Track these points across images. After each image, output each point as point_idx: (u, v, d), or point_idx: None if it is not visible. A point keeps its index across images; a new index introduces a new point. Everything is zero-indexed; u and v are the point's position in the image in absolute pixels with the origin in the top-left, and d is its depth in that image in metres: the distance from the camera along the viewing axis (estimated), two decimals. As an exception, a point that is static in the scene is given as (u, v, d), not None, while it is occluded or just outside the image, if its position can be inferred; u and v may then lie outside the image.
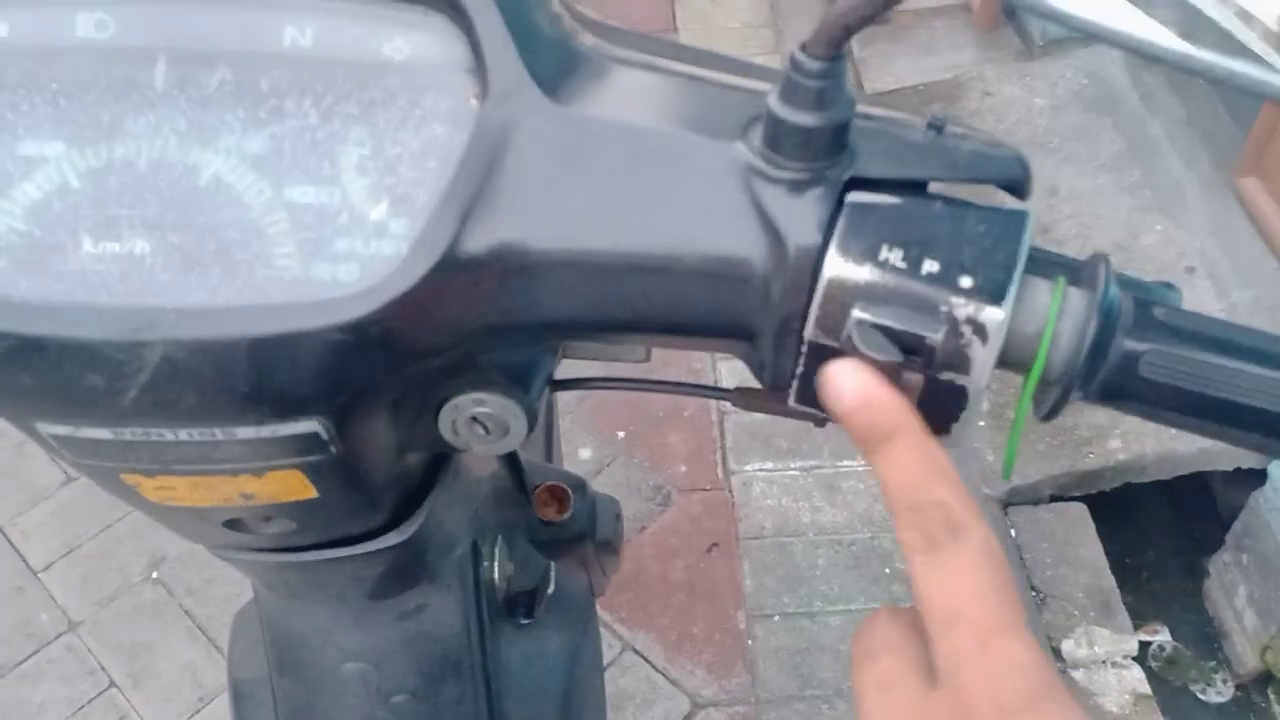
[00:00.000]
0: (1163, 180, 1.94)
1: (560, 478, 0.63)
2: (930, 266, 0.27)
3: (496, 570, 0.50)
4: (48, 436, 0.30)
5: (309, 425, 0.30)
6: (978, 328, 0.27)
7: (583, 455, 1.69)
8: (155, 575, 1.57)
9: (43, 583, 1.57)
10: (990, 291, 0.27)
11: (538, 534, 0.62)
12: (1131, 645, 1.48)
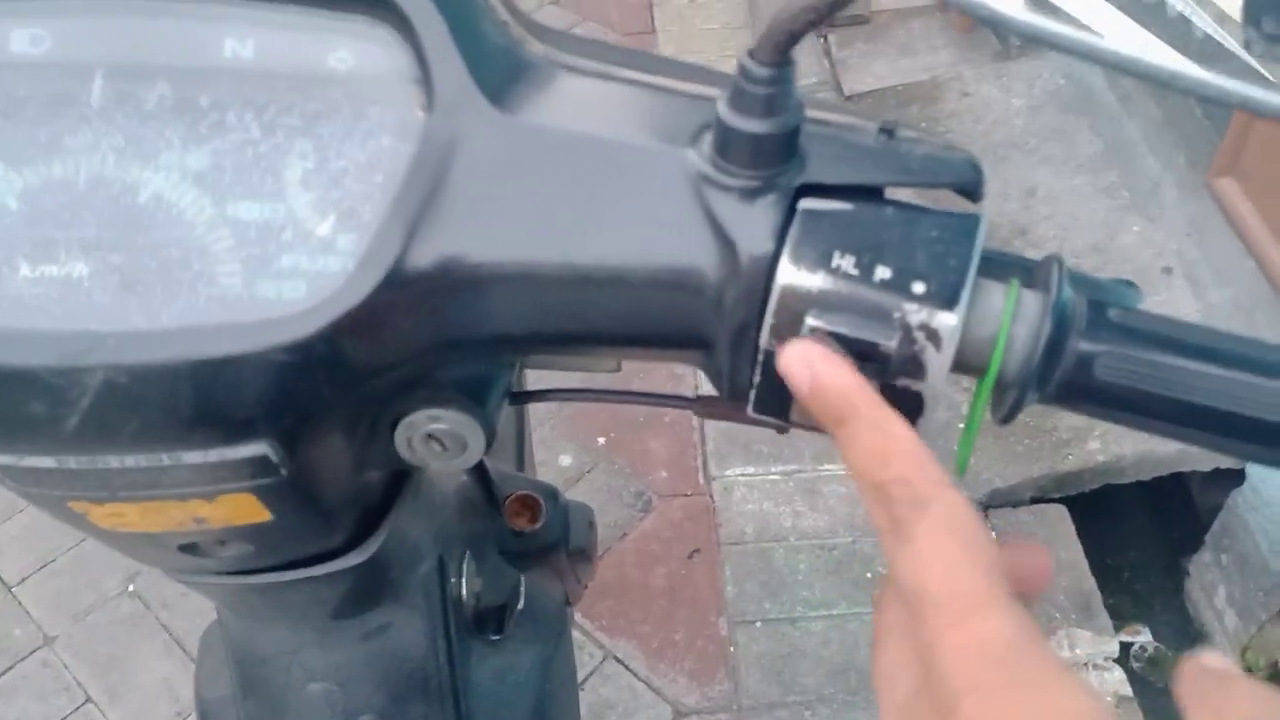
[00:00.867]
0: (1140, 181, 1.95)
1: (531, 487, 0.63)
2: (883, 273, 0.27)
3: (464, 586, 0.50)
4: None
5: (257, 448, 0.29)
6: (931, 333, 0.27)
7: (563, 462, 1.68)
8: (131, 589, 1.55)
9: (16, 597, 1.55)
10: (943, 296, 0.27)
11: (508, 545, 0.61)
12: (1113, 647, 1.48)
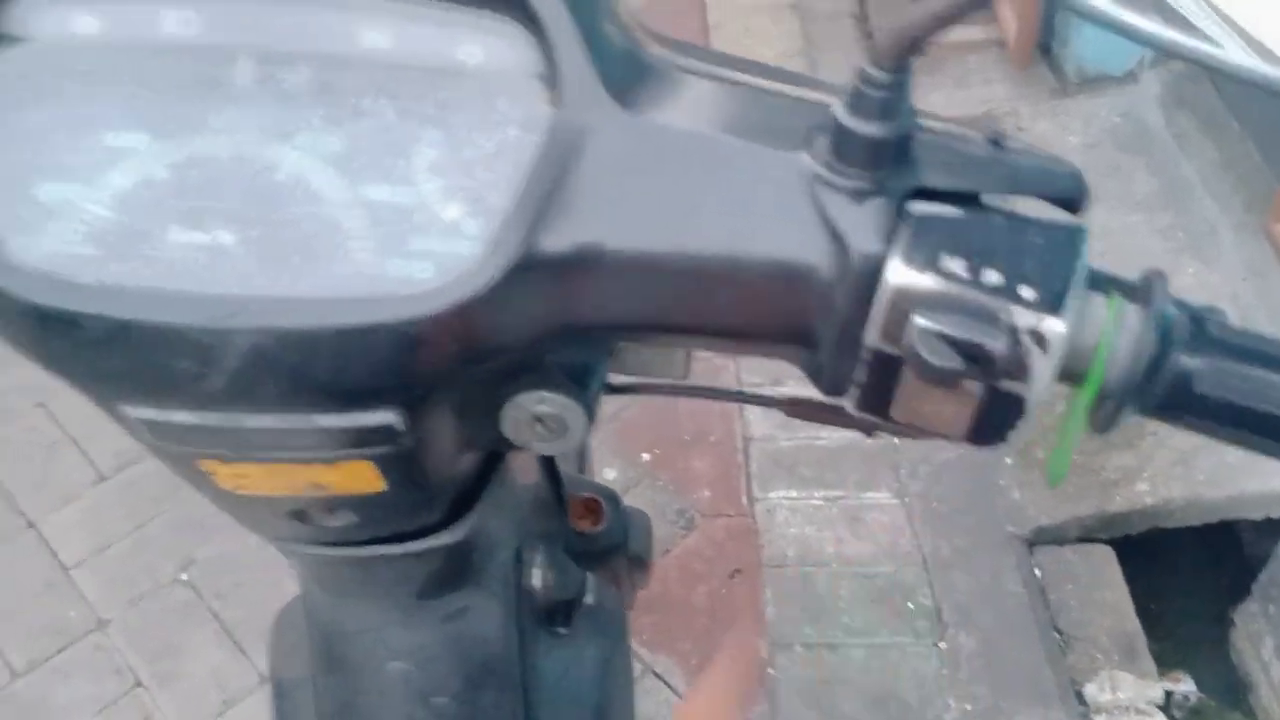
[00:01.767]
0: (1196, 222, 1.93)
1: (594, 490, 0.64)
2: (991, 276, 0.28)
3: (538, 577, 0.51)
4: (133, 419, 0.31)
5: (385, 416, 0.31)
6: (1038, 337, 0.27)
7: (608, 475, 1.69)
8: (185, 576, 1.58)
9: (73, 579, 1.58)
10: (1050, 302, 0.27)
11: (572, 545, 0.63)
12: (1156, 692, 1.46)
